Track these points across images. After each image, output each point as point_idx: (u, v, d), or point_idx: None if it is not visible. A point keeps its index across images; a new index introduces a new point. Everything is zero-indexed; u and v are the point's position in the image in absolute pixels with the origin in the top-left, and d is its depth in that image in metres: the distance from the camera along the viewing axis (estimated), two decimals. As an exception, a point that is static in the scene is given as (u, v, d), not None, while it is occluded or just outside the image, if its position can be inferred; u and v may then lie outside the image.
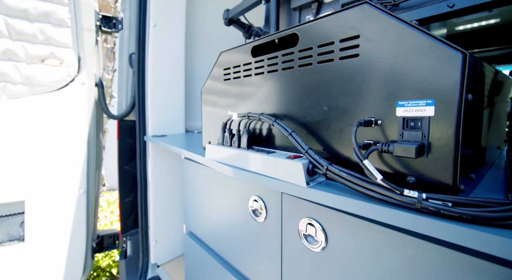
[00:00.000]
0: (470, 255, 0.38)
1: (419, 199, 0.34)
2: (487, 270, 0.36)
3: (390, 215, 0.37)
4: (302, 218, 0.62)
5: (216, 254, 1.02)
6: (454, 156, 0.36)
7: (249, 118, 0.64)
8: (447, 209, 0.33)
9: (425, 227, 0.34)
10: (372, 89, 0.45)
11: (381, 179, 0.37)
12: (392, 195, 0.37)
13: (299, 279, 0.65)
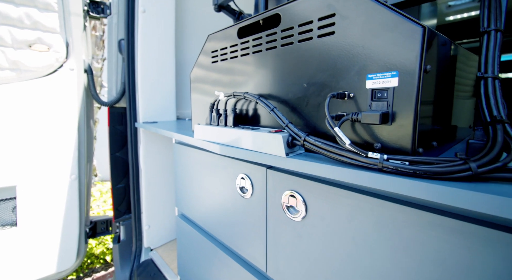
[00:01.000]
0: (427, 211, 0.43)
1: (380, 159, 0.38)
2: (439, 222, 0.41)
3: (357, 176, 0.41)
4: (285, 191, 0.66)
5: (207, 233, 1.06)
6: (413, 122, 0.41)
7: (234, 97, 0.67)
8: (404, 167, 0.37)
9: (386, 184, 0.38)
10: (346, 65, 0.49)
11: (349, 143, 0.41)
12: (359, 158, 0.41)
13: (282, 248, 0.69)
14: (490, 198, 0.30)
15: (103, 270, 2.27)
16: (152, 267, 1.46)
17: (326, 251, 0.58)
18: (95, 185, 3.24)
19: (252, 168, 0.77)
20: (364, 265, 0.52)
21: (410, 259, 0.45)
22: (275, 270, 0.73)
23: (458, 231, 0.39)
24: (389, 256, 0.47)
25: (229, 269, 0.90)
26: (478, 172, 0.33)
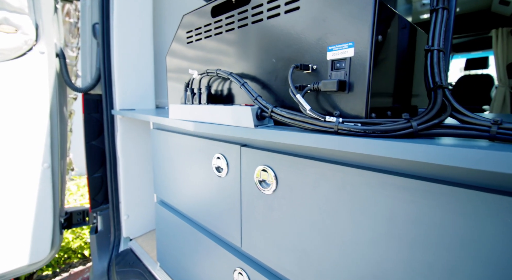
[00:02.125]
0: (379, 172, 0.47)
1: (336, 122, 0.41)
2: (390, 181, 0.45)
3: (317, 140, 0.44)
4: (258, 166, 0.69)
5: (185, 216, 1.07)
6: (367, 90, 0.44)
7: (208, 74, 0.68)
8: (356, 128, 0.40)
9: (342, 144, 0.41)
10: (310, 39, 0.51)
11: (310, 109, 0.44)
12: (318, 122, 0.44)
13: (255, 223, 0.72)
14: (427, 147, 0.34)
15: (81, 264, 2.21)
16: (131, 256, 1.45)
17: (294, 220, 0.62)
18: (72, 179, 3.11)
19: (227, 147, 0.78)
20: (327, 228, 0.55)
21: (366, 217, 0.49)
22: (249, 244, 0.75)
23: (405, 188, 0.43)
24: (349, 217, 0.51)
25: (207, 249, 0.92)
26: (418, 128, 0.37)
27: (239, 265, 0.79)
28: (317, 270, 0.58)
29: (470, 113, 0.37)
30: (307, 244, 0.60)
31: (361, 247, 0.50)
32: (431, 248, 0.41)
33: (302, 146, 0.59)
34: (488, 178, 0.37)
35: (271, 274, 0.72)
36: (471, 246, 0.38)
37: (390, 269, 0.46)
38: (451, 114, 0.38)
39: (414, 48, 0.63)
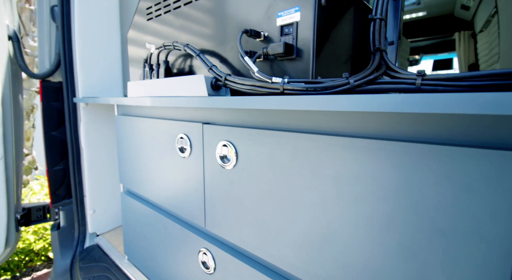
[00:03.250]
0: (326, 135, 0.48)
1: (281, 83, 0.42)
2: (335, 142, 0.46)
3: (265, 101, 0.44)
4: (219, 142, 0.69)
5: (152, 204, 1.04)
6: (312, 53, 0.45)
7: (165, 48, 0.66)
8: (299, 86, 0.41)
9: (288, 103, 0.42)
10: (261, 7, 0.52)
11: (257, 71, 0.44)
12: (266, 84, 0.44)
13: (217, 200, 0.72)
14: (359, 97, 0.35)
15: (45, 268, 2.07)
16: (98, 251, 1.38)
17: (253, 192, 0.62)
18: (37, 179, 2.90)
19: (189, 126, 0.77)
20: (282, 195, 0.56)
21: (316, 180, 0.50)
22: (213, 223, 0.75)
23: (349, 147, 0.45)
24: (301, 182, 0.52)
25: (173, 234, 0.90)
26: (354, 84, 0.39)
27: (204, 246, 0.78)
28: (275, 238, 0.59)
29: (401, 70, 0.39)
30: (265, 214, 0.60)
31: (312, 210, 0.51)
32: (371, 202, 0.44)
33: (259, 118, 0.60)
34: (418, 132, 0.40)
35: (234, 250, 0.72)
36: (404, 196, 0.40)
37: (337, 228, 0.48)
38: (385, 72, 0.41)
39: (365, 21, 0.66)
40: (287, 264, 0.57)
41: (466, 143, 0.36)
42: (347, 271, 0.47)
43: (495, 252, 0.33)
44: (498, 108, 0.26)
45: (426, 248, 0.39)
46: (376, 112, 0.43)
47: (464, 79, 0.33)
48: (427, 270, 0.39)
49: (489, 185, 0.33)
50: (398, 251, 0.41)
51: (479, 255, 0.34)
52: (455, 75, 0.33)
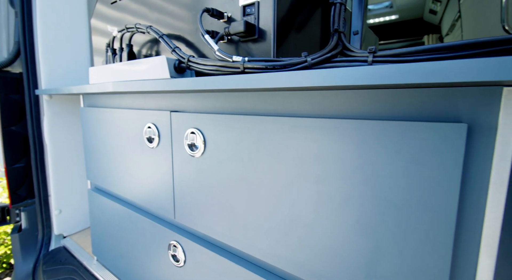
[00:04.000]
0: (290, 117, 0.48)
1: (242, 61, 0.42)
2: (299, 124, 0.47)
3: (226, 81, 0.44)
4: (187, 129, 0.67)
5: (121, 199, 0.99)
6: (273, 32, 0.45)
7: (127, 30, 0.63)
8: (259, 64, 0.41)
9: (247, 82, 0.42)
10: (224, -12, 0.51)
11: (218, 49, 0.43)
12: (227, 64, 0.44)
13: (187, 189, 0.70)
14: (314, 72, 0.36)
15: (7, 276, 1.91)
16: (64, 253, 1.29)
17: (221, 179, 0.61)
18: None
19: (157, 115, 0.75)
20: (249, 180, 0.56)
21: (280, 162, 0.50)
22: (182, 214, 0.73)
23: (310, 127, 0.46)
24: (267, 165, 0.52)
25: (143, 229, 0.86)
26: (311, 62, 0.39)
27: (174, 238, 0.76)
28: (243, 225, 0.58)
29: (356, 49, 0.40)
30: (233, 201, 0.60)
31: (278, 192, 0.52)
32: (331, 181, 0.44)
33: (225, 103, 0.59)
34: (373, 109, 0.41)
35: (204, 240, 0.70)
36: (360, 173, 0.41)
37: (301, 209, 0.49)
38: (342, 52, 0.42)
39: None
40: (255, 249, 0.57)
41: (413, 118, 0.37)
42: (311, 250, 0.48)
43: (440, 220, 0.35)
44: (434, 76, 0.28)
45: (381, 222, 0.40)
46: (334, 93, 0.44)
47: (410, 54, 0.34)
48: (381, 243, 0.40)
49: (434, 156, 0.35)
50: (356, 227, 0.42)
51: (426, 225, 0.36)
52: (402, 50, 0.35)
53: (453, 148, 0.33)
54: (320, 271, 0.47)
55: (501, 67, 0.25)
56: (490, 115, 0.33)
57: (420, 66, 0.29)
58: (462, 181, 0.34)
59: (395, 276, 0.39)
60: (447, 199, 0.34)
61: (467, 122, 0.34)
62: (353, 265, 0.43)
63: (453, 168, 0.34)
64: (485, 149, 0.33)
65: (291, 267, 0.51)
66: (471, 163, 0.34)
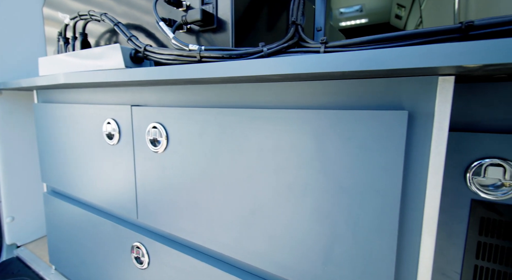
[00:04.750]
0: (250, 108, 0.48)
1: (198, 50, 0.41)
2: (259, 115, 0.47)
3: (182, 70, 0.42)
4: (149, 124, 0.64)
5: (80, 202, 0.93)
6: (231, 22, 0.45)
7: (80, 18, 0.59)
8: (216, 53, 0.40)
9: (205, 71, 0.41)
10: (183, -24, 0.50)
11: (173, 37, 0.42)
12: (184, 52, 0.42)
13: (149, 187, 0.67)
14: (268, 61, 0.36)
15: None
16: (17, 264, 1.18)
17: (185, 174, 0.59)
18: None
19: (117, 110, 0.71)
20: (212, 174, 0.55)
21: (242, 154, 0.50)
22: (145, 214, 0.69)
23: (270, 118, 0.46)
24: (229, 157, 0.52)
25: (104, 232, 0.81)
26: (267, 52, 0.40)
27: (137, 240, 0.72)
28: (207, 220, 0.57)
29: (311, 41, 0.42)
30: (197, 196, 0.58)
31: (240, 185, 0.51)
32: (291, 170, 0.45)
33: (187, 96, 0.57)
34: (329, 99, 0.42)
35: (168, 239, 0.68)
36: (317, 161, 0.42)
37: (262, 200, 0.49)
38: (298, 43, 0.42)
39: None
40: (220, 245, 0.56)
41: (363, 107, 0.39)
42: (273, 241, 0.48)
43: (387, 203, 0.37)
44: (373, 63, 0.29)
45: (335, 208, 0.41)
46: (292, 84, 0.45)
47: (358, 44, 0.36)
48: (336, 229, 0.41)
49: (380, 142, 0.37)
50: (313, 215, 0.43)
51: (375, 208, 0.38)
52: (351, 41, 0.36)
53: (396, 133, 0.35)
54: (282, 261, 0.48)
55: (431, 55, 0.27)
56: (428, 103, 0.35)
57: (361, 54, 0.30)
58: (405, 164, 0.36)
59: (349, 259, 0.40)
60: (392, 182, 0.36)
61: (408, 110, 0.36)
62: (312, 252, 0.44)
63: (396, 152, 0.36)
64: (424, 134, 0.35)
65: (255, 260, 0.51)
66: (413, 148, 0.36)
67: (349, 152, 0.39)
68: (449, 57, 0.26)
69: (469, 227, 0.48)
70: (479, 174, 0.47)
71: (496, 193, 0.46)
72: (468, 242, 0.49)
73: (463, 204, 0.48)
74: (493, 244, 0.47)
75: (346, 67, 0.31)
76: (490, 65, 0.26)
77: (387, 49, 0.29)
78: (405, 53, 0.28)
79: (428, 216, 0.36)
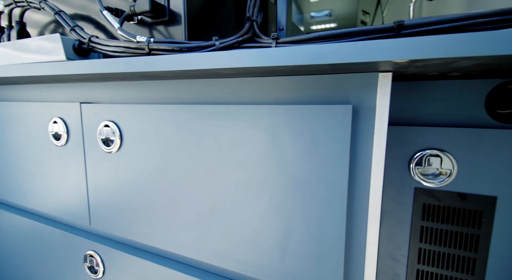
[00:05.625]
0: (207, 104, 0.47)
1: (146, 42, 0.39)
2: (215, 111, 0.46)
3: (129, 63, 0.40)
4: (100, 122, 0.59)
5: (25, 211, 0.83)
6: (183, 14, 0.44)
7: (17, 4, 0.53)
8: (166, 46, 0.38)
9: (153, 64, 0.39)
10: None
11: (118, 27, 0.39)
12: (131, 44, 0.40)
13: (103, 190, 0.62)
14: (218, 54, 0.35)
15: None
16: None
17: (141, 174, 0.56)
18: None
19: (64, 107, 0.65)
20: (170, 173, 0.52)
21: (200, 150, 0.49)
22: (99, 219, 0.64)
23: (226, 114, 0.45)
24: (187, 155, 0.50)
25: (53, 243, 0.74)
26: (220, 46, 0.39)
27: (90, 248, 0.67)
28: (165, 222, 0.55)
29: (264, 37, 0.42)
30: (154, 197, 0.55)
31: (199, 183, 0.50)
32: (248, 166, 0.45)
33: (142, 92, 0.54)
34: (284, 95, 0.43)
35: (124, 245, 0.63)
36: (272, 156, 0.43)
37: (221, 197, 0.48)
38: (252, 39, 0.43)
39: None
40: (179, 246, 0.54)
41: (314, 102, 0.41)
42: (232, 238, 0.48)
43: (336, 194, 0.39)
44: (317, 58, 0.30)
45: (289, 201, 0.42)
46: (247, 80, 0.45)
47: (308, 41, 0.37)
48: (291, 221, 0.42)
49: (329, 135, 0.38)
50: (270, 209, 0.44)
51: (326, 199, 0.39)
52: (302, 37, 0.37)
53: (342, 127, 0.37)
54: (241, 258, 0.47)
55: (365, 50, 0.29)
56: (370, 98, 0.37)
57: (308, 49, 0.31)
58: (351, 156, 0.38)
59: (303, 250, 0.41)
60: (340, 173, 0.38)
61: (353, 104, 0.38)
62: (270, 246, 0.44)
63: (343, 145, 0.37)
64: (367, 126, 0.38)
65: (215, 259, 0.50)
66: (358, 140, 0.38)
67: (301, 146, 0.40)
68: (380, 52, 0.28)
69: (413, 213, 0.53)
70: (420, 164, 0.52)
71: (435, 181, 0.51)
72: (413, 227, 0.53)
73: (408, 193, 0.53)
74: (433, 228, 0.52)
75: (293, 61, 0.32)
76: (416, 61, 0.29)
77: (329, 45, 0.30)
78: (343, 48, 0.29)
79: (373, 204, 0.39)
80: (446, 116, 0.52)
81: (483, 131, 0.47)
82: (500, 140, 0.46)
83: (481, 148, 0.47)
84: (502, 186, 0.47)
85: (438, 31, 0.30)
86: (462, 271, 0.50)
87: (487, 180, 0.47)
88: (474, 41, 0.25)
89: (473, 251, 0.49)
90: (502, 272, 0.48)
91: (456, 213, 0.50)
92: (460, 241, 0.50)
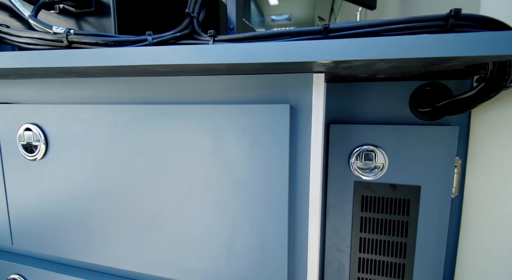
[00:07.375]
0: (146, 104, 0.44)
1: (64, 33, 0.34)
2: (155, 111, 0.43)
3: (41, 57, 0.35)
4: (20, 126, 0.52)
5: None
6: (113, 6, 0.40)
7: None
8: (88, 39, 0.35)
9: (69, 59, 0.34)
10: None
11: (29, 15, 0.34)
12: (47, 36, 0.35)
13: (25, 204, 0.54)
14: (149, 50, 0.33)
15: None
16: None
17: (72, 181, 0.50)
18: None
19: (-27, 108, 0.55)
20: (106, 180, 0.48)
21: (139, 154, 0.45)
22: (23, 239, 0.56)
23: (168, 114, 0.43)
24: (124, 157, 0.46)
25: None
26: (153, 42, 0.37)
27: (14, 271, 0.57)
28: (101, 235, 0.49)
29: (203, 34, 0.41)
30: (87, 208, 0.50)
31: (139, 189, 0.46)
32: (190, 168, 0.43)
33: (70, 91, 0.49)
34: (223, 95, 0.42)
35: (54, 264, 0.56)
36: (215, 156, 0.42)
37: (163, 203, 0.45)
38: (190, 35, 0.41)
39: None
40: (118, 260, 0.49)
41: (256, 101, 0.41)
42: (176, 246, 0.45)
43: (277, 191, 0.39)
44: (250, 57, 0.30)
45: (233, 202, 0.41)
46: (188, 78, 0.43)
47: (245, 39, 0.36)
48: (235, 223, 0.41)
49: (270, 134, 0.39)
50: (215, 212, 0.42)
51: (268, 197, 0.40)
52: (239, 36, 0.37)
53: (281, 125, 0.38)
54: (187, 265, 0.45)
55: (292, 51, 0.29)
56: (307, 97, 0.39)
57: (240, 47, 0.31)
58: (291, 154, 0.39)
59: (248, 250, 0.41)
60: (280, 171, 0.39)
61: (291, 103, 0.39)
62: (216, 250, 0.43)
63: (283, 143, 0.38)
64: (305, 125, 0.39)
65: (159, 269, 0.47)
66: (297, 138, 0.39)
67: (243, 146, 0.40)
68: (307, 53, 0.29)
69: (354, 205, 0.56)
70: (358, 159, 0.56)
71: (371, 174, 0.55)
72: (354, 218, 0.57)
73: (348, 186, 0.56)
74: (371, 218, 0.57)
75: (226, 59, 0.31)
76: (339, 62, 0.30)
77: (260, 44, 0.30)
78: (273, 48, 0.30)
79: (313, 199, 0.40)
80: (378, 115, 0.57)
81: (408, 128, 0.53)
82: (422, 135, 0.52)
83: (406, 142, 0.53)
84: (424, 175, 0.53)
85: (359, 35, 0.32)
86: (396, 255, 0.56)
87: (412, 171, 0.53)
88: (384, 45, 0.27)
89: (404, 236, 0.55)
90: (429, 254, 0.54)
91: (389, 203, 0.55)
92: (393, 228, 0.55)
